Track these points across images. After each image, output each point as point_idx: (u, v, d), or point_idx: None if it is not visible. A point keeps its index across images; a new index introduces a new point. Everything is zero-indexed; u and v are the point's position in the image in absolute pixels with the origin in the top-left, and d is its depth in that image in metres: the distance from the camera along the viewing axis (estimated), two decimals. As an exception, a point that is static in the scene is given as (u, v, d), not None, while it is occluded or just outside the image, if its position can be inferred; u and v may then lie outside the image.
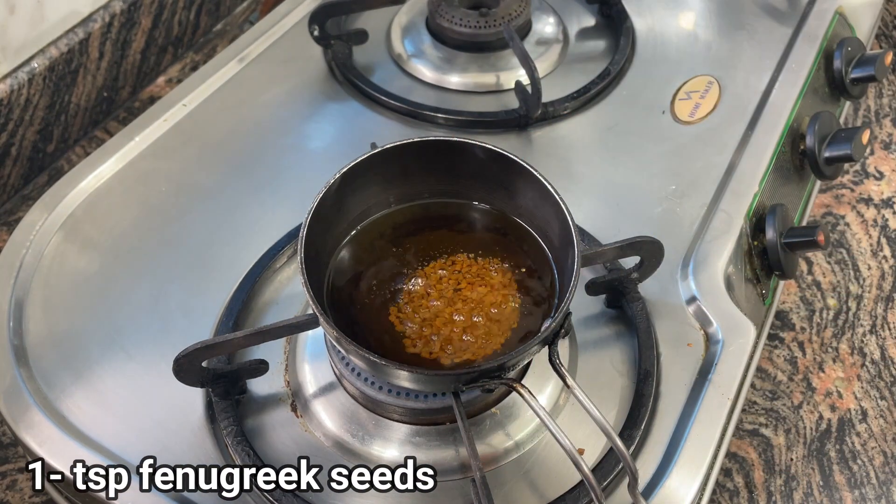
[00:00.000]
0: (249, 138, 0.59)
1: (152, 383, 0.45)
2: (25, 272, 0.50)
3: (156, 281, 0.50)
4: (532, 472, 0.42)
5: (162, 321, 0.48)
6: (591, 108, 0.61)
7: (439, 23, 0.63)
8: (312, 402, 0.44)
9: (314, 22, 0.62)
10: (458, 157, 0.43)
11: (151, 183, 0.56)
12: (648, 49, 0.66)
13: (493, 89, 0.63)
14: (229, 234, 0.53)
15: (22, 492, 0.47)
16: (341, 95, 0.62)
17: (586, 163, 0.57)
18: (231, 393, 0.44)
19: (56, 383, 0.45)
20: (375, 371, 0.41)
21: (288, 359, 0.46)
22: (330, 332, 0.37)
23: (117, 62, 0.65)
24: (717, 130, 0.59)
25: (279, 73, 0.63)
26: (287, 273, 0.50)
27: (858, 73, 0.64)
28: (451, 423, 0.42)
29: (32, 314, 0.48)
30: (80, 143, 0.65)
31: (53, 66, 0.59)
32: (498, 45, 0.63)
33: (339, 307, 0.42)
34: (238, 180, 0.56)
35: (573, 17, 0.69)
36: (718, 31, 0.67)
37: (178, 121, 0.59)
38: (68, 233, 0.52)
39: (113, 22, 0.63)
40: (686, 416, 0.44)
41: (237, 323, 0.47)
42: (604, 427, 0.36)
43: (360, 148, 0.43)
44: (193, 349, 0.40)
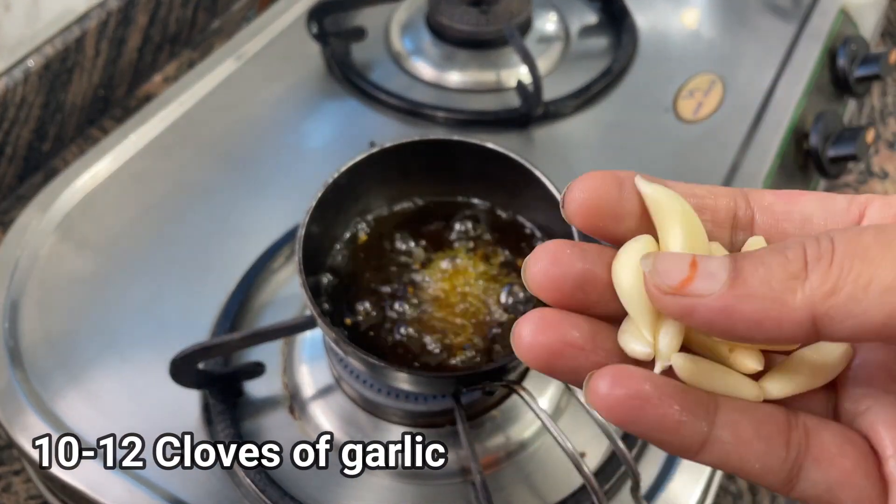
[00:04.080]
0: (247, 137, 0.58)
1: (148, 385, 0.44)
2: (20, 273, 0.49)
3: (152, 282, 0.50)
4: (533, 476, 0.42)
5: (158, 322, 0.48)
6: (593, 107, 0.61)
7: (439, 20, 0.63)
8: (310, 405, 0.44)
9: (312, 19, 0.62)
10: (458, 156, 0.42)
11: (148, 182, 0.55)
12: (651, 47, 0.65)
13: (493, 87, 0.62)
14: (227, 234, 0.52)
15: (17, 495, 0.47)
16: (339, 94, 0.62)
17: (588, 162, 0.57)
18: (228, 395, 0.43)
19: (51, 385, 0.45)
20: (374, 373, 0.40)
21: (285, 361, 0.46)
22: (328, 334, 0.37)
23: (113, 60, 0.65)
24: (720, 129, 0.58)
25: (277, 70, 0.63)
26: (285, 274, 0.50)
27: (863, 72, 0.63)
28: (451, 426, 0.42)
29: (28, 315, 0.48)
30: (76, 142, 0.64)
31: (49, 64, 0.59)
32: (499, 43, 0.63)
33: (338, 308, 0.41)
34: (235, 179, 0.55)
35: (575, 15, 0.68)
36: (721, 29, 0.66)
37: (175, 119, 0.58)
38: (64, 233, 0.52)
39: (109, 19, 0.63)
40: (689, 419, 0.44)
41: (234, 324, 0.47)
42: (606, 429, 0.35)
43: (358, 147, 0.43)
44: (190, 351, 0.40)
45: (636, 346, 0.21)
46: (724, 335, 0.19)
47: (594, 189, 0.21)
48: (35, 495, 0.47)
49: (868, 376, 0.21)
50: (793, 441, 0.20)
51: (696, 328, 0.20)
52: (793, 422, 0.20)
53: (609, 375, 0.19)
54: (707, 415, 0.20)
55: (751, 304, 0.18)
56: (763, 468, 0.20)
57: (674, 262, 0.19)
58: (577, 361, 0.20)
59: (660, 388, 0.19)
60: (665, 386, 0.20)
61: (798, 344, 0.21)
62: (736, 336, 0.19)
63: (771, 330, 0.18)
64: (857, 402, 0.21)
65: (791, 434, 0.20)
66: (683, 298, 0.19)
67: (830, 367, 0.21)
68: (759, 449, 0.20)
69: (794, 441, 0.20)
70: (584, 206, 0.21)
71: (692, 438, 0.20)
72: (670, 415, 0.19)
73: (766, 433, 0.20)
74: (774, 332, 0.18)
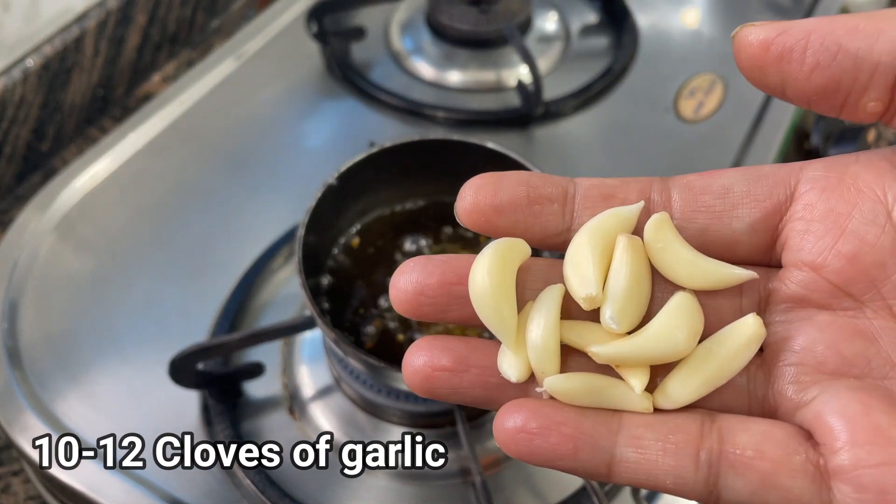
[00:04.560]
0: (246, 136, 0.58)
1: (147, 385, 0.44)
2: (19, 273, 0.49)
3: (151, 282, 0.50)
4: (533, 477, 0.42)
5: (157, 323, 0.48)
6: (594, 107, 0.61)
7: (439, 19, 0.63)
8: (310, 405, 0.43)
9: (312, 19, 0.62)
10: (458, 155, 0.42)
11: (147, 182, 0.55)
12: (651, 46, 0.65)
13: (493, 87, 0.62)
14: (226, 234, 0.52)
15: (16, 495, 0.47)
16: (339, 93, 0.62)
17: (588, 162, 0.57)
18: (228, 395, 0.43)
19: (50, 385, 0.45)
20: (374, 373, 0.40)
21: (285, 361, 0.45)
22: (328, 334, 0.37)
23: (112, 59, 0.65)
24: (721, 129, 0.58)
25: (276, 70, 0.63)
26: (284, 274, 0.50)
27: (863, 71, 0.63)
28: (451, 426, 0.42)
29: (26, 315, 0.48)
30: (75, 142, 0.64)
31: (48, 63, 0.59)
32: (499, 42, 0.62)
33: (338, 308, 0.41)
34: (235, 179, 0.55)
35: (575, 14, 0.68)
36: (722, 29, 0.66)
37: (174, 119, 0.58)
38: (63, 233, 0.52)
39: (108, 19, 0.62)
40: (690, 419, 0.44)
41: (234, 324, 0.47)
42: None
43: (358, 146, 0.43)
44: (189, 351, 0.40)
45: (507, 370, 0.20)
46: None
47: (474, 190, 0.21)
48: (34, 496, 0.47)
49: (814, 361, 0.20)
50: (704, 450, 0.19)
51: None
52: (706, 428, 0.19)
53: (507, 411, 0.19)
54: (608, 435, 0.19)
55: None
56: (676, 483, 0.19)
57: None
58: (452, 383, 0.20)
59: (548, 417, 0.19)
60: (556, 414, 0.19)
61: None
62: None
63: None
64: (800, 392, 0.19)
65: (702, 442, 0.19)
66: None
67: (736, 358, 0.20)
68: (667, 464, 0.19)
69: (706, 449, 0.19)
70: (466, 206, 0.21)
71: (595, 461, 0.19)
72: (562, 443, 0.19)
73: (672, 446, 0.19)
74: None
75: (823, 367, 0.19)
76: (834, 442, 0.18)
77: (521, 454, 0.19)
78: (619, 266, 0.20)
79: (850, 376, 0.19)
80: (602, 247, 0.20)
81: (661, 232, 0.20)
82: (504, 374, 0.20)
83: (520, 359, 0.20)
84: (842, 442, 0.18)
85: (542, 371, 0.20)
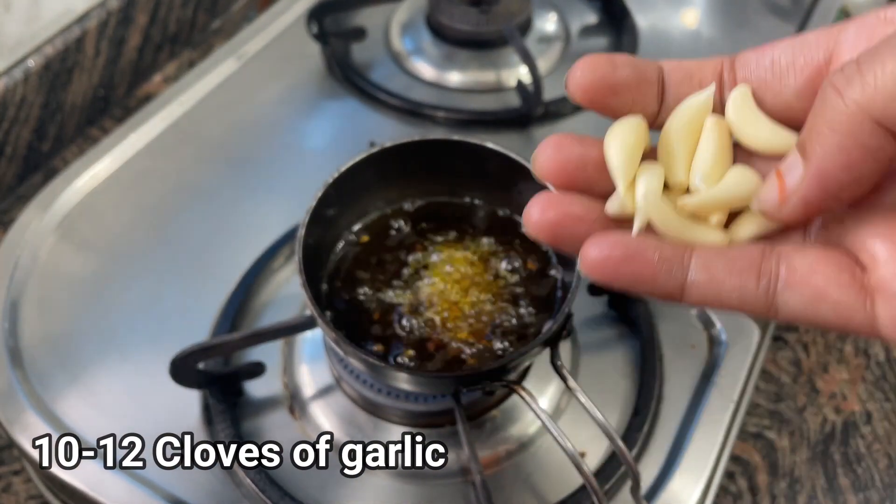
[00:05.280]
0: (247, 137, 0.58)
1: (148, 385, 0.44)
2: (20, 273, 0.49)
3: (152, 282, 0.50)
4: (533, 476, 0.42)
5: (158, 322, 0.48)
6: (593, 107, 0.60)
7: (439, 20, 0.63)
8: (310, 405, 0.44)
9: (312, 19, 0.62)
10: (458, 156, 0.42)
11: (147, 182, 0.55)
12: (651, 47, 0.65)
13: (493, 87, 0.62)
14: (226, 234, 0.52)
15: (17, 495, 0.47)
16: (340, 93, 0.62)
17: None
18: (228, 395, 0.43)
19: (51, 385, 0.45)
20: (374, 373, 0.40)
21: (286, 361, 0.46)
22: (329, 334, 0.37)
23: (113, 60, 0.65)
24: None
25: (277, 70, 0.63)
26: (285, 273, 0.50)
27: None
28: (451, 426, 0.42)
29: (28, 315, 0.48)
30: (76, 142, 0.64)
31: (49, 63, 0.59)
32: (499, 43, 0.63)
33: (338, 308, 0.41)
34: (235, 179, 0.55)
35: (575, 15, 0.68)
36: (722, 29, 0.66)
37: (175, 119, 0.58)
38: (64, 233, 0.52)
39: (109, 19, 0.63)
40: (689, 419, 0.44)
41: (234, 324, 0.47)
42: (606, 429, 0.35)
43: (358, 146, 0.43)
44: (190, 351, 0.40)
45: (610, 205, 0.24)
46: (831, 198, 0.21)
47: (592, 68, 0.23)
48: (35, 495, 0.47)
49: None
50: (764, 270, 0.22)
51: (814, 214, 0.22)
52: (767, 253, 0.22)
53: (593, 241, 0.22)
54: (682, 262, 0.22)
55: (830, 158, 0.20)
56: (740, 299, 0.22)
57: (767, 188, 0.22)
58: (577, 230, 0.23)
59: (634, 244, 0.22)
60: (641, 242, 0.22)
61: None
62: (839, 186, 0.21)
63: (854, 155, 0.20)
64: (843, 221, 0.22)
65: (763, 265, 0.22)
66: (791, 201, 0.21)
67: None
68: (733, 283, 0.22)
69: (766, 270, 0.22)
70: (584, 83, 0.24)
71: (671, 284, 0.22)
72: (648, 266, 0.22)
73: (737, 269, 0.22)
74: (858, 153, 0.20)
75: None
76: (872, 260, 0.21)
77: (606, 277, 0.22)
78: (707, 144, 0.24)
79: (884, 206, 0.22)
80: (688, 132, 0.24)
81: (740, 107, 0.24)
82: (607, 210, 0.24)
83: (627, 196, 0.23)
84: (882, 259, 0.21)
85: (646, 202, 0.23)
